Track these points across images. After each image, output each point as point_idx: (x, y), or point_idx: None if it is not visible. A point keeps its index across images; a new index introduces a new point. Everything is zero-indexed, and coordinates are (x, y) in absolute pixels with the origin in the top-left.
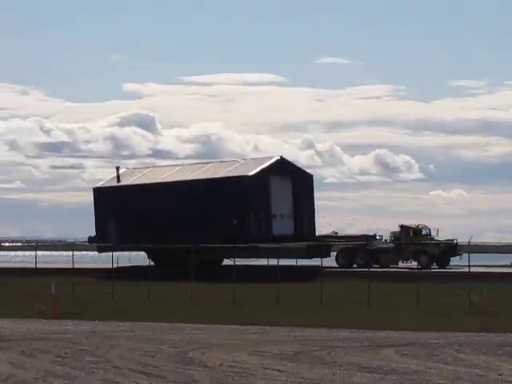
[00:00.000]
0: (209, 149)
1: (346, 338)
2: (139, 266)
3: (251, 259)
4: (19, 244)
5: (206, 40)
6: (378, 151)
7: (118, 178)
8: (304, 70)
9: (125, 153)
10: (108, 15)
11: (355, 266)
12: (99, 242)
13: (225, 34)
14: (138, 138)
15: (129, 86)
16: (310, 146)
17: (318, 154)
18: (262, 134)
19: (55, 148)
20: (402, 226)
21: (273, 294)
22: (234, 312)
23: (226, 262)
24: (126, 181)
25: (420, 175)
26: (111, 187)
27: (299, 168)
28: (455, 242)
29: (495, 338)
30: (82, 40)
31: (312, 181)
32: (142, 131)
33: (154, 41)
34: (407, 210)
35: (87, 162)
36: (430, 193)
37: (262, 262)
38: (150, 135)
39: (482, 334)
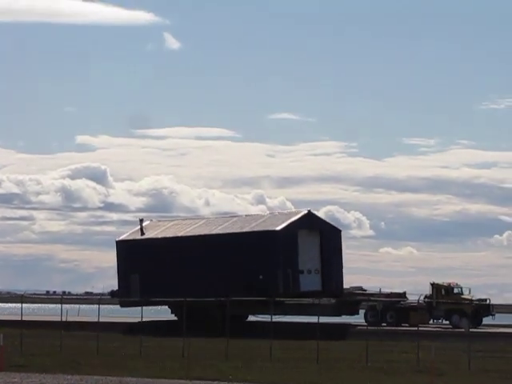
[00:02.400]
0: (160, 202)
1: None
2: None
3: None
4: None
5: (159, 94)
6: (328, 207)
7: (142, 231)
8: (256, 125)
9: (76, 205)
10: (63, 66)
11: (384, 324)
12: (122, 296)
13: (178, 89)
14: (89, 191)
15: (81, 139)
16: (261, 201)
17: (270, 209)
18: (213, 189)
19: (5, 199)
20: (433, 284)
21: (224, 349)
22: (182, 366)
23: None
24: (150, 234)
25: (370, 232)
26: (135, 240)
27: (327, 222)
28: (488, 301)
29: None
30: (35, 91)
31: (340, 236)
32: (94, 184)
33: (108, 94)
34: (357, 267)
35: (37, 214)
36: (380, 250)
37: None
38: (101, 188)
39: None
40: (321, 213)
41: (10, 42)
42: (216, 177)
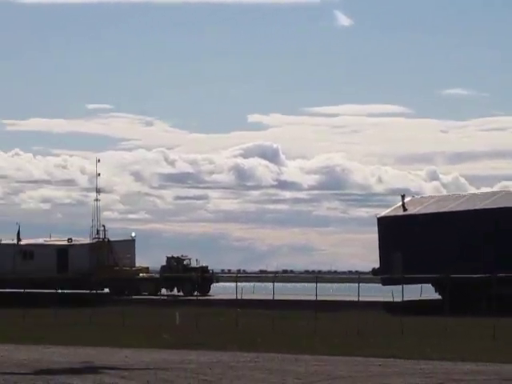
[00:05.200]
0: (332, 180)
1: (472, 371)
2: (428, 300)
3: None
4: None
5: (330, 71)
6: (504, 183)
7: (404, 207)
8: (429, 101)
9: (249, 183)
10: (234, 46)
11: None
12: (384, 273)
13: (349, 66)
14: (261, 169)
15: (253, 117)
16: (434, 177)
17: (444, 185)
18: (386, 166)
19: (180, 179)
20: None
21: (388, 325)
22: (358, 343)
23: None
24: (412, 210)
25: None
26: (397, 216)
27: None
28: None
29: None
30: (207, 71)
31: None
32: (266, 162)
33: (279, 72)
34: None
35: (211, 193)
36: None
37: None
38: (273, 166)
39: None
40: (496, 188)
41: (175, 24)
42: (388, 153)
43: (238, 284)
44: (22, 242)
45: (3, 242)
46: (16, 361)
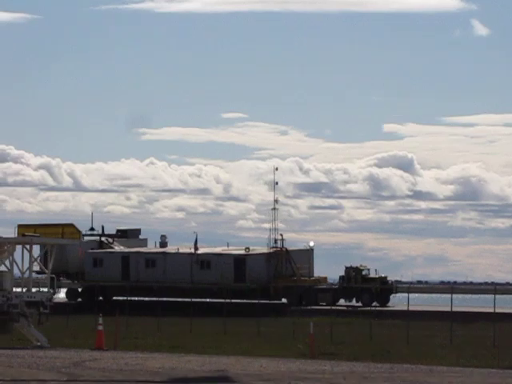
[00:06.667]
0: (469, 190)
1: None
2: None
3: None
4: None
5: (466, 81)
6: None
7: None
8: None
9: (384, 194)
10: (364, 55)
11: None
12: None
13: (486, 75)
14: (396, 179)
15: (389, 127)
16: None
17: None
18: None
19: (314, 188)
20: None
21: None
22: (493, 355)
23: None
24: None
25: None
26: None
27: None
28: None
29: None
30: (342, 80)
31: None
32: (401, 172)
33: (416, 81)
34: None
35: (345, 203)
36: None
37: None
38: (408, 176)
39: None
40: None
41: (312, 32)
42: None
43: None
44: (200, 251)
45: (181, 250)
46: (150, 369)
